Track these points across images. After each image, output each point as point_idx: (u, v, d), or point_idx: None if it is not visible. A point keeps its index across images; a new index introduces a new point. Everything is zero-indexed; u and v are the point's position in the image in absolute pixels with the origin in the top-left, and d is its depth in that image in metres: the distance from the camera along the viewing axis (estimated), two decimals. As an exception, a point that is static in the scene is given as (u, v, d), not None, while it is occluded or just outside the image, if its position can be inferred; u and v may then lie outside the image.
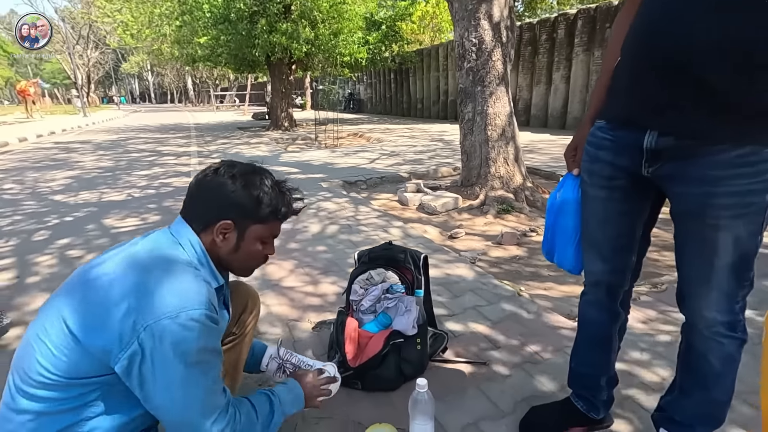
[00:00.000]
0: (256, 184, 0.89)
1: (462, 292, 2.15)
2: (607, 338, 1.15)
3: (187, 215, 0.89)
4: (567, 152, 1.17)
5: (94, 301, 0.74)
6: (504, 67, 3.80)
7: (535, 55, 10.25)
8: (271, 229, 0.94)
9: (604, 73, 1.05)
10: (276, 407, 0.95)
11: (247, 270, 0.98)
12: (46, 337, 0.74)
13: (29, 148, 9.00)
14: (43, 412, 0.73)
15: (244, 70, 12.96)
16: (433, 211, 3.75)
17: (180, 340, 0.73)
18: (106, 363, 0.73)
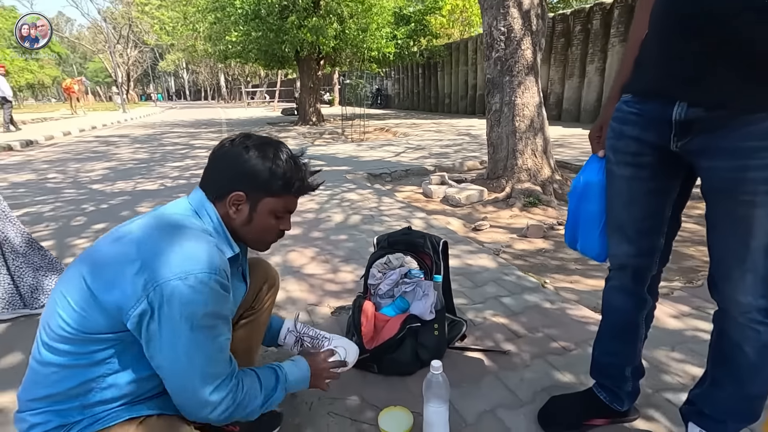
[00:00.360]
0: (270, 156, 0.87)
1: (483, 282, 2.11)
2: (632, 325, 1.09)
3: (204, 185, 0.90)
4: (592, 133, 1.12)
5: (110, 259, 0.77)
6: (534, 56, 3.69)
7: (568, 47, 9.92)
8: (285, 203, 0.92)
9: (630, 46, 1.00)
10: (281, 382, 0.95)
11: (262, 244, 0.97)
12: (67, 292, 0.77)
13: (72, 141, 9.47)
14: (63, 365, 0.76)
15: (273, 66, 13.18)
16: (457, 204, 3.70)
17: (187, 302, 0.73)
18: (120, 320, 0.74)
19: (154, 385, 0.85)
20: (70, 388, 0.77)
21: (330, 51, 10.13)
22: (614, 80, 1.06)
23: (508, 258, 2.52)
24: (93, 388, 0.78)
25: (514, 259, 2.53)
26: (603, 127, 1.07)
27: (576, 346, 1.56)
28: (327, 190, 4.09)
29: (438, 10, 13.83)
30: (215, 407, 0.80)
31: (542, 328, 1.69)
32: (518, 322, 1.74)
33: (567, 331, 1.66)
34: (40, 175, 5.44)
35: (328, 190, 4.09)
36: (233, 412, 0.83)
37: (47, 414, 0.77)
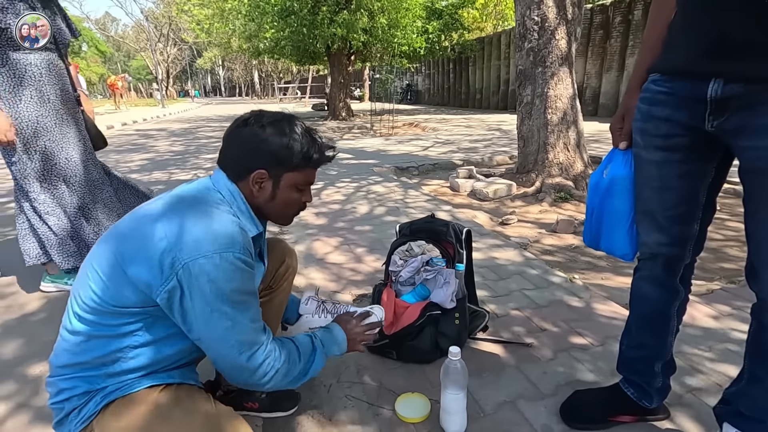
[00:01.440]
0: (286, 132, 0.88)
1: (508, 275, 2.06)
2: (663, 317, 1.03)
3: (224, 165, 0.91)
4: (613, 124, 1.05)
5: (138, 236, 0.79)
6: (568, 46, 3.57)
7: (606, 39, 9.55)
8: (305, 176, 0.93)
9: (651, 30, 0.94)
10: (318, 348, 0.96)
11: (286, 218, 0.98)
12: (98, 266, 0.80)
13: (115, 134, 9.94)
14: (91, 335, 0.80)
15: (305, 62, 13.34)
16: (485, 198, 3.63)
17: (215, 279, 0.76)
18: (149, 296, 0.77)
19: (178, 357, 0.88)
20: (97, 357, 0.80)
21: (360, 46, 10.15)
22: (634, 68, 1.00)
23: (535, 252, 2.45)
24: (119, 357, 0.81)
25: (541, 254, 2.47)
26: (625, 116, 1.01)
27: (603, 342, 1.50)
28: (353, 183, 4.11)
29: (471, 4, 13.59)
30: (255, 372, 0.83)
31: (568, 322, 1.64)
32: (543, 315, 1.69)
33: (594, 327, 1.60)
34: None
35: (355, 183, 4.11)
36: (275, 375, 0.86)
37: (75, 380, 0.81)
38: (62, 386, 0.82)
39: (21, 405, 1.32)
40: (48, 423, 1.23)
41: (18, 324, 1.79)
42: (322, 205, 3.37)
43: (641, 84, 0.96)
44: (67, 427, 0.81)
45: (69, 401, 0.81)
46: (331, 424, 1.18)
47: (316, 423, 1.19)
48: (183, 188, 0.90)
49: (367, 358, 1.45)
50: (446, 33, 12.75)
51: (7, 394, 1.36)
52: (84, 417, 0.80)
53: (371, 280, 2.04)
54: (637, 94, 0.97)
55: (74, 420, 0.80)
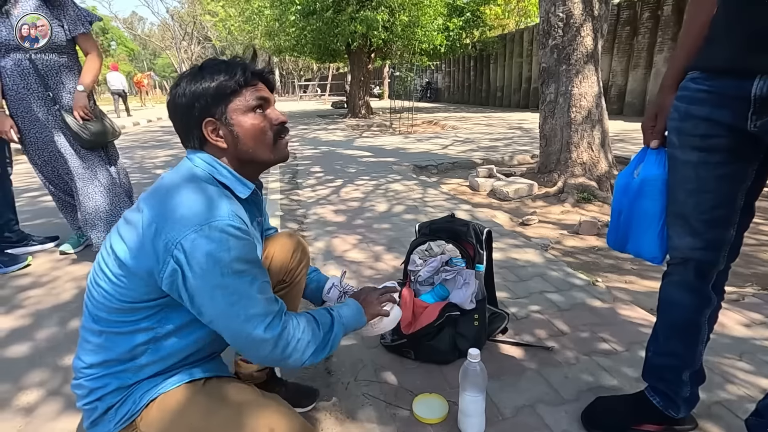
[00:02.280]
0: (198, 73, 0.84)
1: (529, 276, 2.03)
2: (693, 325, 0.99)
3: (184, 141, 0.89)
4: (645, 123, 1.02)
5: (130, 229, 0.79)
6: (594, 43, 3.48)
7: (633, 35, 9.27)
8: (248, 97, 0.85)
9: (690, 27, 0.91)
10: (335, 319, 0.93)
11: (268, 147, 0.89)
12: (104, 265, 0.81)
13: (140, 131, 10.21)
14: (112, 332, 0.81)
15: (325, 59, 13.40)
16: (505, 197, 3.59)
17: (211, 251, 0.73)
18: (155, 285, 0.76)
19: (204, 348, 0.88)
20: (122, 352, 0.81)
21: (381, 43, 10.13)
22: (669, 65, 0.97)
23: (556, 254, 2.41)
24: (145, 350, 0.82)
25: (563, 255, 2.42)
26: (658, 115, 0.98)
27: (627, 348, 1.47)
28: (372, 181, 4.12)
29: (494, 0, 13.39)
30: (276, 343, 0.79)
31: (590, 326, 1.60)
32: (564, 319, 1.66)
33: (618, 332, 1.56)
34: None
35: (373, 181, 4.11)
36: (296, 347, 0.82)
37: (104, 378, 0.81)
38: (92, 386, 0.82)
39: (52, 392, 1.37)
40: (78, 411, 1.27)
41: (51, 314, 1.86)
42: (340, 203, 3.38)
43: (677, 82, 0.93)
44: (105, 426, 0.82)
45: (102, 400, 0.82)
46: (349, 422, 1.18)
47: (335, 420, 1.19)
48: (165, 174, 0.88)
49: (385, 358, 1.45)
50: (467, 30, 12.60)
51: (39, 382, 1.42)
52: (126, 415, 0.81)
53: (389, 279, 2.03)
54: (671, 92, 0.94)
55: (114, 419, 0.81)
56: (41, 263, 2.40)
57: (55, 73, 2.15)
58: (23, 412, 1.28)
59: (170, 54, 40.13)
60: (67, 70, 2.19)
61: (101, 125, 2.22)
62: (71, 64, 2.21)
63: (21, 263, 2.31)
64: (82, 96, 2.16)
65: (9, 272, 2.26)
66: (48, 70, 2.13)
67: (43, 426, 1.23)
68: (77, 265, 2.37)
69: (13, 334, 1.71)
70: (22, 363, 1.52)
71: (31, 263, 2.37)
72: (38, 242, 2.58)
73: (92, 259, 2.41)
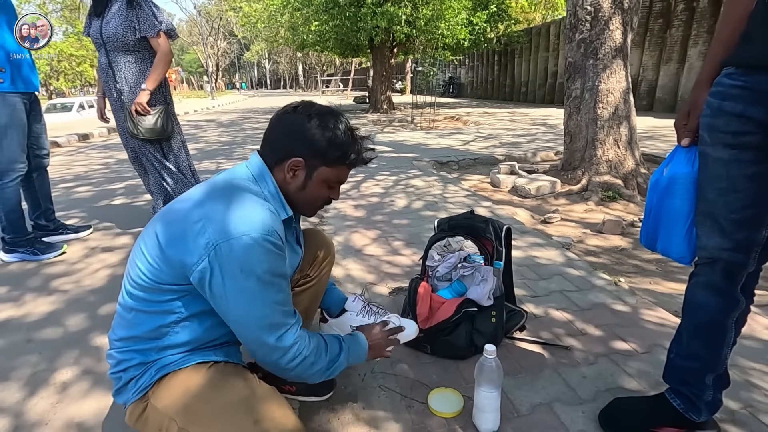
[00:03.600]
0: (330, 126, 0.90)
1: (549, 275, 2.01)
2: (719, 328, 0.97)
3: (263, 151, 0.95)
4: (678, 121, 1.00)
5: (178, 219, 0.84)
6: (623, 37, 3.38)
7: (666, 28, 8.94)
8: (338, 174, 0.95)
9: (726, 21, 0.88)
10: (344, 350, 0.98)
11: (311, 209, 1.00)
12: (144, 246, 0.86)
13: (168, 124, 10.47)
14: (141, 311, 0.86)
15: (348, 54, 13.44)
16: (527, 195, 3.54)
17: (245, 260, 0.78)
18: (184, 274, 0.82)
19: (221, 334, 0.93)
20: (148, 330, 0.86)
21: (403, 38, 10.08)
22: (705, 61, 0.94)
23: (578, 253, 2.37)
24: (167, 332, 0.87)
25: (585, 254, 2.38)
26: (691, 112, 0.95)
27: (649, 350, 1.44)
28: (392, 176, 4.12)
29: (520, -7, 13.13)
30: (284, 353, 0.85)
31: (611, 327, 1.57)
32: (584, 318, 1.64)
33: (639, 333, 1.53)
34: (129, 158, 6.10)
35: (394, 176, 4.12)
36: (302, 363, 0.88)
37: (130, 352, 0.88)
38: (120, 358, 0.89)
39: (84, 372, 1.44)
40: (106, 389, 1.34)
41: (84, 299, 1.95)
42: (360, 198, 3.41)
43: (712, 78, 0.90)
44: (125, 395, 0.89)
45: (126, 372, 0.88)
46: (365, 412, 1.20)
47: (350, 410, 1.22)
48: (220, 174, 0.94)
49: (402, 351, 1.46)
50: (492, 24, 12.39)
51: (71, 362, 1.49)
52: (141, 387, 0.87)
53: (408, 274, 2.05)
54: (706, 88, 0.91)
55: (132, 389, 0.87)
56: (75, 251, 2.51)
57: (122, 69, 2.37)
58: (57, 391, 1.36)
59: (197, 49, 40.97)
60: (133, 66, 2.38)
61: (153, 124, 2.41)
62: (138, 61, 2.39)
63: (57, 251, 2.43)
64: (143, 94, 2.35)
65: (45, 259, 2.38)
66: (117, 66, 2.37)
67: (75, 403, 1.30)
68: (109, 253, 2.48)
69: (49, 317, 1.80)
70: (58, 344, 1.60)
71: (66, 251, 2.48)
72: (72, 231, 2.71)
73: (124, 248, 2.52)
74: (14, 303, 1.93)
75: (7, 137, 2.17)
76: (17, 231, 2.33)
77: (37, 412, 1.27)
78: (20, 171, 2.27)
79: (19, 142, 2.23)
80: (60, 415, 1.25)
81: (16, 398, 1.32)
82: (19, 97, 2.20)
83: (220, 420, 0.81)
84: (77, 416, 1.25)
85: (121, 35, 2.30)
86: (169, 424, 0.83)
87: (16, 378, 1.42)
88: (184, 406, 0.83)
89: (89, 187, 4.15)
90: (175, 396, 0.84)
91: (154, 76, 2.36)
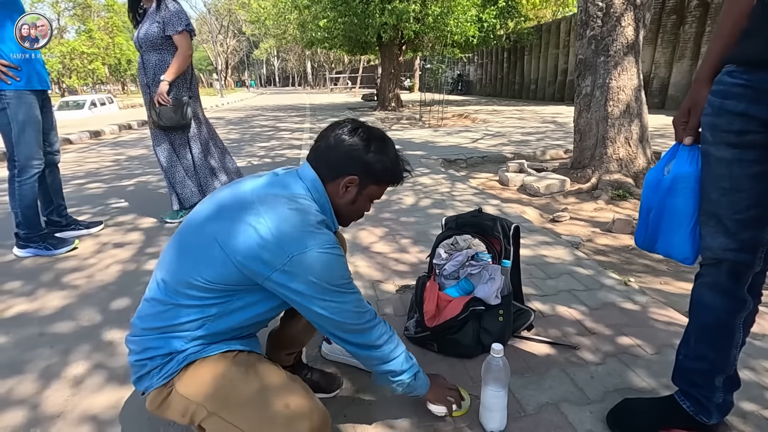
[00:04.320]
0: (385, 152, 0.99)
1: (557, 274, 1.99)
2: (726, 329, 0.96)
3: (317, 164, 0.98)
4: (677, 119, 0.99)
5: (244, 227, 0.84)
6: (635, 33, 3.34)
7: (680, 24, 8.80)
8: (380, 191, 1.04)
9: (726, 19, 0.88)
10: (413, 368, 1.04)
11: (349, 221, 1.08)
12: (193, 242, 0.88)
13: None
14: (181, 305, 0.87)
15: (356, 52, 13.42)
16: (536, 193, 3.51)
17: (322, 271, 0.84)
18: (252, 279, 0.85)
19: (249, 327, 0.97)
20: (184, 322, 0.88)
21: (412, 35, 10.04)
22: (704, 58, 0.93)
23: (587, 252, 2.35)
24: (203, 324, 0.89)
25: (594, 253, 2.36)
26: (692, 110, 0.95)
27: (658, 351, 1.42)
28: (400, 174, 4.11)
29: (530, -11, 12.97)
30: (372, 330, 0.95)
31: (620, 327, 1.56)
32: (593, 318, 1.63)
33: (649, 333, 1.52)
34: (150, 150, 6.16)
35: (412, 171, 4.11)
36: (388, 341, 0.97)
37: (161, 341, 0.89)
38: (148, 345, 0.89)
39: (96, 367, 1.46)
40: (119, 383, 1.36)
41: (95, 294, 1.98)
42: (368, 195, 3.40)
43: (712, 76, 0.89)
44: (147, 381, 0.90)
45: (152, 360, 0.89)
46: (372, 410, 1.21)
47: (358, 406, 1.22)
48: (272, 180, 0.96)
49: (408, 349, 1.45)
50: (502, 21, 12.28)
51: (84, 356, 1.52)
52: (166, 374, 0.88)
53: (415, 271, 2.05)
54: (706, 85, 0.90)
55: (156, 376, 0.89)
56: (86, 246, 2.55)
57: (151, 66, 2.61)
58: (71, 384, 1.38)
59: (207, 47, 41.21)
60: (161, 63, 2.59)
61: (173, 114, 2.60)
62: (165, 58, 2.59)
63: (69, 246, 2.47)
64: (163, 85, 2.56)
65: (58, 254, 2.42)
66: (148, 63, 2.61)
67: (88, 397, 1.32)
68: (120, 248, 2.51)
69: (61, 312, 1.83)
70: (70, 339, 1.63)
71: (78, 246, 2.52)
72: (84, 227, 2.75)
73: (134, 244, 2.55)
74: (27, 297, 1.96)
75: (24, 135, 2.23)
76: (32, 227, 2.37)
77: (51, 404, 1.29)
78: (38, 168, 2.32)
79: (35, 139, 2.28)
80: (74, 408, 1.27)
81: (30, 391, 1.35)
82: (33, 95, 2.24)
83: (252, 404, 0.83)
84: (91, 409, 1.27)
85: (150, 35, 2.52)
86: (196, 409, 0.85)
87: (30, 371, 1.44)
88: (214, 391, 0.85)
89: (100, 184, 4.21)
90: (203, 382, 0.86)
91: (173, 69, 2.55)
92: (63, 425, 1.21)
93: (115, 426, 1.21)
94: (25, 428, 1.21)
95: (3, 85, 2.14)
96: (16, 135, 2.21)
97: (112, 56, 30.42)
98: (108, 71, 32.59)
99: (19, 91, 2.18)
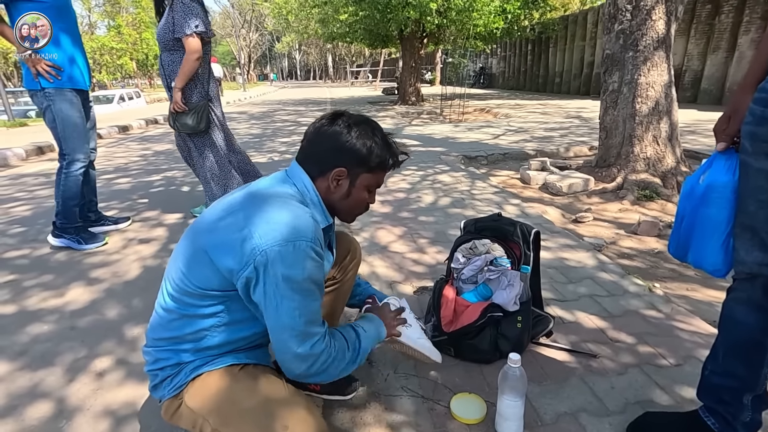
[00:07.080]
0: (369, 135, 0.94)
1: (579, 278, 1.95)
2: (758, 346, 0.92)
3: (303, 161, 0.97)
4: (718, 125, 0.95)
5: (223, 226, 0.86)
6: (666, 27, 3.20)
7: (715, 15, 8.40)
8: (377, 179, 0.99)
9: None
10: (361, 335, 1.01)
11: (352, 216, 1.04)
12: (188, 250, 0.89)
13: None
14: (182, 314, 0.89)
15: (377, 45, 13.35)
16: (558, 192, 3.44)
17: (288, 267, 0.80)
18: (230, 281, 0.85)
19: (254, 338, 0.96)
20: (187, 333, 0.90)
21: (434, 28, 9.91)
22: (751, 64, 0.88)
23: (611, 255, 2.29)
24: (206, 335, 0.90)
25: (618, 257, 2.29)
26: (732, 117, 0.91)
27: (683, 362, 1.38)
28: (419, 171, 4.10)
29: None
30: (317, 359, 0.87)
31: (643, 336, 1.52)
32: (615, 326, 1.59)
33: (673, 344, 1.47)
34: (174, 145, 6.31)
35: (421, 171, 4.09)
36: (329, 367, 0.89)
37: (168, 352, 0.92)
38: (158, 356, 0.92)
39: (121, 361, 1.52)
40: (139, 381, 1.41)
41: (121, 289, 2.05)
42: (387, 193, 3.40)
43: (758, 81, 0.85)
44: (161, 391, 0.93)
45: (163, 370, 0.92)
46: (387, 413, 1.21)
47: (373, 410, 1.23)
48: (260, 182, 0.97)
49: (425, 352, 1.46)
50: (527, 11, 11.97)
51: (109, 351, 1.58)
52: (176, 385, 0.91)
53: (433, 273, 2.04)
54: (750, 92, 0.86)
55: (167, 387, 0.92)
56: (114, 242, 2.64)
57: (165, 66, 2.60)
58: (97, 377, 1.44)
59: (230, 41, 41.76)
60: (172, 64, 2.57)
61: (188, 119, 2.60)
62: (176, 59, 2.56)
63: (99, 242, 2.56)
64: (175, 93, 2.55)
65: (88, 249, 2.51)
66: (163, 62, 2.60)
67: (113, 389, 1.37)
68: (146, 245, 2.59)
69: (89, 306, 1.90)
70: (97, 333, 1.69)
71: (107, 242, 2.61)
72: (113, 222, 2.84)
73: (160, 240, 2.62)
74: (60, 291, 2.05)
75: (72, 128, 2.37)
76: (69, 218, 2.48)
77: (78, 397, 1.35)
78: (83, 162, 2.46)
79: (79, 134, 2.41)
80: (99, 402, 1.33)
81: (60, 383, 1.41)
82: (74, 93, 2.37)
83: (249, 423, 0.84)
84: (113, 404, 1.32)
85: (162, 36, 2.51)
86: (203, 424, 0.87)
87: (60, 363, 1.51)
88: (218, 408, 0.86)
89: (129, 179, 4.33)
90: (207, 397, 0.88)
91: (180, 75, 2.51)
92: (88, 418, 1.26)
93: (134, 423, 1.25)
94: (54, 420, 1.26)
95: (45, 82, 2.26)
96: (61, 130, 2.35)
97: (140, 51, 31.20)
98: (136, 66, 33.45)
99: (61, 88, 2.30)
